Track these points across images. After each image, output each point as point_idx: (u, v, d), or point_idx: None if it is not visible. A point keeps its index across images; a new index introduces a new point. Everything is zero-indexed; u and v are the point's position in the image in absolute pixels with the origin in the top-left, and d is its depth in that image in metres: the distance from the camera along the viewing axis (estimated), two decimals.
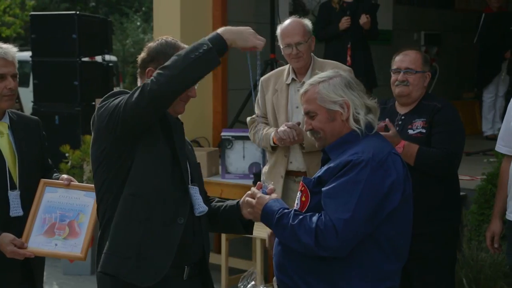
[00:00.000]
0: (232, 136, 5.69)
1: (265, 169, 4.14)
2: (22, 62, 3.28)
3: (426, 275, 3.55)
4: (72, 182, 3.11)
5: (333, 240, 2.37)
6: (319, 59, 4.05)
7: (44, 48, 7.00)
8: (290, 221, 2.44)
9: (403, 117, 3.68)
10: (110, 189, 2.51)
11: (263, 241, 5.08)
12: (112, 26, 8.51)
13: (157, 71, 2.39)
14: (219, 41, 2.41)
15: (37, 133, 3.27)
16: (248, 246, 5.67)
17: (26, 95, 9.77)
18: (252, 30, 2.52)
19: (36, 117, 3.38)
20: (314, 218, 2.41)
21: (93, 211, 3.04)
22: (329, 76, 2.61)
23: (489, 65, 7.89)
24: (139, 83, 2.57)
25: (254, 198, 2.59)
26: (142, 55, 2.62)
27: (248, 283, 2.68)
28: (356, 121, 2.54)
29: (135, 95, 2.39)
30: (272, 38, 6.40)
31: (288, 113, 3.97)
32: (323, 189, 2.45)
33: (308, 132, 2.67)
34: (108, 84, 7.48)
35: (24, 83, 12.32)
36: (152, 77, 2.38)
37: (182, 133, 2.65)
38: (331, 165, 2.50)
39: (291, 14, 7.43)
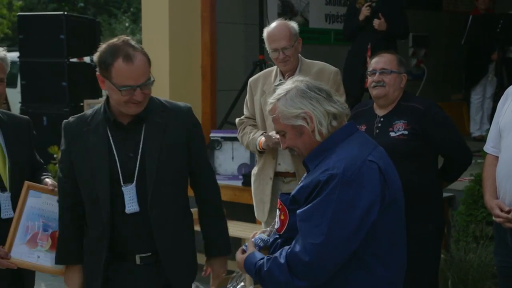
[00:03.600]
0: (221, 137, 5.68)
1: (254, 171, 4.15)
2: (10, 63, 3.22)
3: (409, 274, 3.56)
4: (55, 189, 3.02)
5: (306, 267, 2.24)
6: (306, 60, 4.05)
7: (32, 48, 6.97)
8: (264, 267, 2.34)
9: (382, 119, 3.71)
10: None
11: None
12: (101, 27, 8.48)
13: None
14: None
15: (27, 133, 3.20)
16: (237, 248, 5.64)
17: (14, 96, 9.70)
18: None
19: (27, 117, 3.30)
20: (284, 253, 2.30)
21: None
22: (287, 89, 2.46)
23: (477, 66, 7.93)
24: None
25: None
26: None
27: (237, 284, 2.67)
28: (319, 132, 2.41)
29: None
30: (261, 39, 6.39)
31: None
32: (298, 212, 2.32)
33: (288, 150, 2.54)
34: (96, 85, 7.43)
35: (12, 83, 12.23)
36: None
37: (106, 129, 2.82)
38: (303, 184, 2.37)
39: (279, 15, 7.45)
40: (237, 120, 4.22)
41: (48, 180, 3.09)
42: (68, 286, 2.95)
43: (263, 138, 3.88)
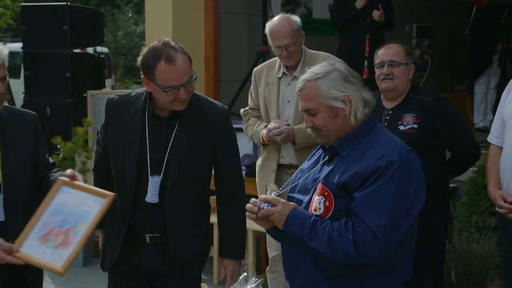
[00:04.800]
0: None
1: (258, 162, 4.16)
2: (13, 54, 3.14)
3: (414, 268, 3.57)
4: (81, 183, 2.82)
5: (373, 247, 2.32)
6: (310, 50, 4.03)
7: (35, 39, 6.95)
8: (330, 230, 2.37)
9: (390, 112, 3.67)
10: None
11: (255, 232, 5.08)
12: (104, 18, 8.45)
13: None
14: None
15: (32, 130, 2.99)
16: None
17: (17, 87, 9.71)
18: None
19: (33, 112, 3.08)
20: (349, 227, 2.35)
21: (93, 221, 2.79)
22: (326, 70, 2.48)
23: (481, 57, 7.91)
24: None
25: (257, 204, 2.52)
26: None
27: (240, 275, 2.67)
28: (355, 117, 2.47)
29: None
30: (264, 30, 6.39)
31: (279, 107, 3.97)
32: (355, 194, 2.38)
33: (309, 129, 2.54)
34: (99, 76, 7.44)
35: (15, 74, 12.26)
36: None
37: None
38: (357, 170, 2.39)
39: (283, 6, 7.43)
40: (241, 110, 4.22)
41: (68, 171, 2.86)
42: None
43: (265, 131, 3.88)
